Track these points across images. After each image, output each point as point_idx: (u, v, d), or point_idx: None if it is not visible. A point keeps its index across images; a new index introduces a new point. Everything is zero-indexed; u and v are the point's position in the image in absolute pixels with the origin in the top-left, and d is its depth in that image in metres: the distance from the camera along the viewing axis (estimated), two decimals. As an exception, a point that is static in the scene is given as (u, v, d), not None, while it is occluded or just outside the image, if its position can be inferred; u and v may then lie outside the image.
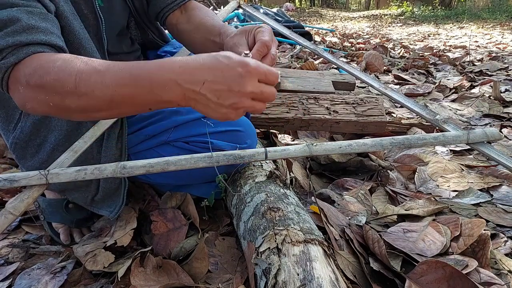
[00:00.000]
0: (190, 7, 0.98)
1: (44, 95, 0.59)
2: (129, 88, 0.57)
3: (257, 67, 0.55)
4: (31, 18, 0.61)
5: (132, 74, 0.57)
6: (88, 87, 0.58)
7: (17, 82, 0.61)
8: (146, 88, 0.56)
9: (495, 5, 11.87)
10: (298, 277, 0.60)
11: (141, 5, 0.99)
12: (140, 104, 0.60)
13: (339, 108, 1.48)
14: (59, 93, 0.59)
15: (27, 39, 0.60)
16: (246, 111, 0.59)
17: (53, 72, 0.58)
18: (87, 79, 0.57)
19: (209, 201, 1.00)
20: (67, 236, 0.98)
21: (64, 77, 0.58)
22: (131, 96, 0.58)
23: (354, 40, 5.72)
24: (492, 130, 0.92)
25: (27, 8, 0.62)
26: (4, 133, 0.89)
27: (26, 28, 0.60)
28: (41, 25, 0.62)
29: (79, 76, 0.58)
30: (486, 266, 0.81)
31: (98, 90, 0.58)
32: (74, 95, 0.58)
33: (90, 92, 0.58)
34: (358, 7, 21.35)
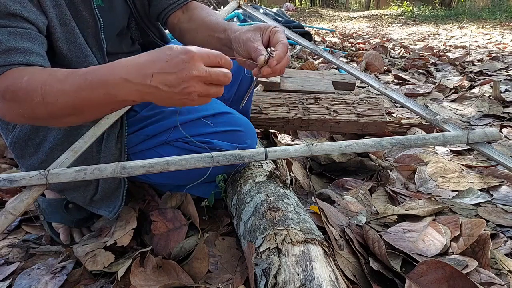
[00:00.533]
0: (192, 6, 0.99)
1: (17, 108, 0.64)
2: (86, 92, 0.61)
3: (199, 50, 0.58)
4: (11, 40, 0.65)
5: (87, 79, 0.61)
6: (52, 96, 0.62)
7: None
8: (100, 90, 0.60)
9: (495, 5, 11.87)
10: (298, 277, 0.60)
11: (142, 5, 0.99)
12: (100, 106, 0.64)
13: (339, 108, 1.48)
14: (29, 105, 0.63)
15: (5, 61, 0.65)
16: (203, 95, 0.60)
17: (22, 87, 0.63)
18: (50, 90, 0.62)
19: (209, 201, 1.00)
20: (67, 236, 0.98)
21: (31, 91, 0.62)
22: (90, 99, 0.62)
23: (354, 40, 5.72)
24: (492, 130, 0.92)
25: (10, 29, 0.66)
26: (3, 132, 0.89)
27: (5, 50, 0.64)
28: (21, 46, 0.66)
29: (43, 88, 0.62)
30: (486, 266, 0.81)
31: (61, 98, 0.62)
32: (42, 105, 0.63)
33: (55, 101, 0.62)
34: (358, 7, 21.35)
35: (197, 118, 0.92)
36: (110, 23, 0.89)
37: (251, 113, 1.36)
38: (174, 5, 0.97)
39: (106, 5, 0.88)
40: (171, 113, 0.93)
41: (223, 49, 0.82)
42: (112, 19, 0.90)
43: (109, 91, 0.60)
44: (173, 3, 0.97)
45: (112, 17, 0.90)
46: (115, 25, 0.93)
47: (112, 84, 0.60)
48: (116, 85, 0.59)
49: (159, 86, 0.58)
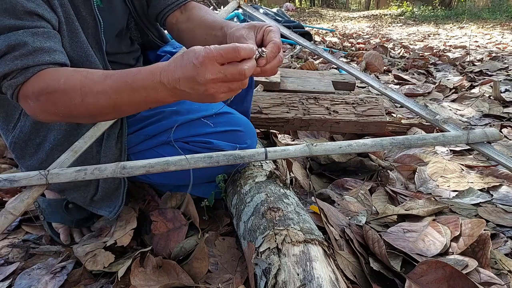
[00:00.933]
0: (190, 6, 0.98)
1: (53, 108, 0.68)
2: (127, 94, 0.65)
3: (207, 52, 0.58)
4: (36, 40, 0.68)
5: (127, 82, 0.65)
6: (93, 98, 0.66)
7: (26, 97, 0.69)
8: (142, 93, 0.65)
9: (495, 5, 11.86)
10: (298, 277, 0.60)
11: (140, 6, 0.99)
12: (140, 104, 0.68)
13: (339, 108, 1.48)
14: (68, 106, 0.67)
15: (34, 61, 0.67)
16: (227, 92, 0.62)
17: (60, 89, 0.66)
18: (90, 91, 0.66)
19: (209, 201, 1.00)
20: (67, 236, 0.98)
21: (70, 93, 0.66)
22: (130, 101, 0.66)
23: (354, 40, 5.72)
24: (492, 130, 0.92)
25: (32, 30, 0.68)
26: (3, 132, 0.89)
27: (32, 51, 0.67)
28: (45, 45, 0.69)
29: (83, 90, 0.66)
30: (486, 266, 0.81)
31: (102, 99, 0.66)
32: (82, 106, 0.67)
33: (96, 102, 0.66)
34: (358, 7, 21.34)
35: (197, 118, 0.93)
36: (109, 24, 0.89)
37: (251, 113, 1.36)
38: (173, 5, 0.97)
39: (105, 5, 0.88)
40: (171, 113, 0.93)
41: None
42: (112, 20, 0.90)
43: (149, 93, 0.64)
44: (172, 4, 0.97)
45: (111, 18, 0.90)
46: (114, 26, 0.93)
47: (151, 88, 0.63)
48: (155, 88, 0.63)
49: (186, 90, 0.61)
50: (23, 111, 0.84)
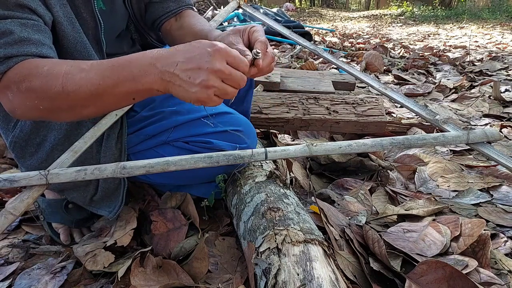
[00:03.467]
0: (185, 14, 1.02)
1: (33, 100, 0.63)
2: (111, 79, 0.61)
3: (226, 48, 0.59)
4: (24, 31, 0.64)
5: (114, 65, 0.62)
6: (75, 85, 0.62)
7: (6, 89, 0.65)
8: (127, 76, 0.61)
9: (495, 5, 11.86)
10: (298, 277, 0.60)
11: (139, 10, 1.00)
12: (123, 94, 0.63)
13: (339, 108, 1.48)
14: (48, 95, 0.63)
15: (18, 51, 0.63)
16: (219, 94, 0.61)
17: (41, 76, 0.62)
18: (73, 78, 0.62)
19: (209, 201, 1.00)
20: (67, 236, 0.98)
21: (51, 80, 0.62)
22: (114, 86, 0.62)
23: (354, 40, 5.72)
24: (492, 130, 0.92)
25: (21, 20, 0.65)
26: (3, 132, 0.89)
27: (18, 41, 0.63)
28: (33, 37, 0.66)
29: (65, 77, 0.62)
30: (486, 266, 0.81)
31: (84, 86, 0.62)
32: (62, 95, 0.62)
33: (77, 89, 0.62)
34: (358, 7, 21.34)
35: (197, 118, 0.93)
36: (110, 26, 0.90)
37: (251, 113, 1.36)
38: (170, 13, 1.00)
39: (108, 8, 0.88)
40: (171, 113, 0.94)
41: None
42: (113, 22, 0.91)
43: (135, 76, 0.60)
44: (169, 11, 0.99)
45: (112, 20, 0.91)
46: (115, 28, 0.94)
47: (139, 69, 0.60)
48: (143, 70, 0.60)
49: (180, 75, 0.58)
50: None
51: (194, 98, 0.60)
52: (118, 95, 0.64)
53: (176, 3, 1.00)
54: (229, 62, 0.60)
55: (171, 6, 0.99)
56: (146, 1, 0.99)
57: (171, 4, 0.99)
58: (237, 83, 0.61)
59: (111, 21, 0.90)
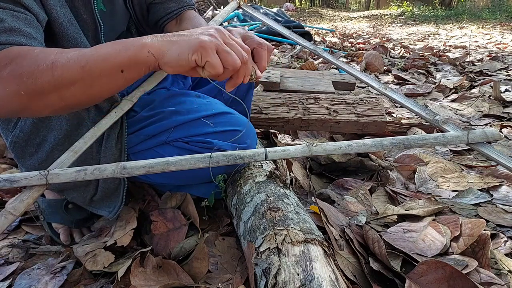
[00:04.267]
0: (185, 17, 1.02)
1: (15, 83, 0.59)
2: (105, 50, 0.61)
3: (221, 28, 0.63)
4: (15, 21, 0.62)
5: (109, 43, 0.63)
6: (66, 59, 0.60)
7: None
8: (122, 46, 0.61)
9: (495, 5, 11.87)
10: (298, 277, 0.60)
11: (141, 11, 1.00)
12: (112, 64, 0.61)
13: (339, 108, 1.48)
14: (33, 75, 0.59)
15: (7, 39, 0.61)
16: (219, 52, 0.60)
17: (31, 57, 0.59)
18: (65, 55, 0.60)
19: (209, 201, 1.00)
20: (67, 236, 0.98)
21: (42, 58, 0.59)
22: (106, 55, 0.60)
23: (354, 40, 5.72)
24: (492, 130, 0.92)
25: (14, 12, 0.63)
26: (3, 132, 0.89)
27: (8, 29, 0.61)
28: (24, 29, 0.63)
29: (57, 54, 0.60)
30: (486, 266, 0.81)
31: (74, 59, 0.60)
32: (49, 71, 0.59)
33: (66, 62, 0.59)
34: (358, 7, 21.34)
35: (197, 118, 0.93)
36: (111, 27, 0.90)
37: (251, 113, 1.36)
38: (171, 13, 1.00)
39: (108, 9, 0.88)
40: (171, 113, 0.93)
41: None
42: (113, 23, 0.91)
43: (128, 45, 0.60)
44: (170, 12, 1.00)
45: (113, 21, 0.91)
46: (115, 29, 0.94)
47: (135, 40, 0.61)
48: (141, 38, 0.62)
49: (182, 32, 0.61)
50: None
51: (195, 43, 0.58)
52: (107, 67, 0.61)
53: (177, 3, 1.00)
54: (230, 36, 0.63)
55: (172, 7, 1.00)
56: (147, 2, 0.99)
57: (172, 4, 0.99)
58: (239, 53, 0.61)
59: (112, 23, 0.90)
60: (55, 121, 0.85)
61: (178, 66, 0.60)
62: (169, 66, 0.61)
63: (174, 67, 0.61)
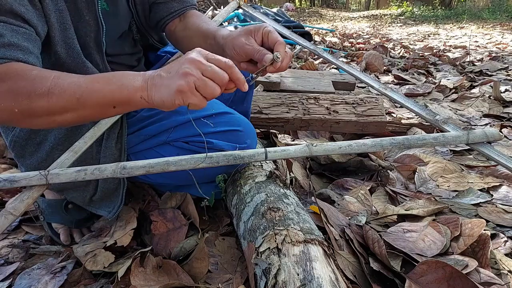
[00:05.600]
0: (189, 15, 1.01)
1: (11, 101, 0.61)
2: (99, 83, 0.63)
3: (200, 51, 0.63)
4: (14, 36, 0.64)
5: (105, 75, 0.65)
6: (62, 87, 0.62)
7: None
8: (115, 82, 0.63)
9: (495, 5, 11.87)
10: (298, 277, 0.60)
11: (143, 11, 1.00)
12: (107, 101, 0.64)
13: (339, 108, 1.48)
14: (28, 97, 0.61)
15: (5, 54, 0.63)
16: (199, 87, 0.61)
17: (29, 79, 0.62)
18: (62, 82, 0.63)
19: (209, 201, 1.00)
20: (67, 236, 0.98)
21: (39, 82, 0.62)
22: (100, 89, 0.63)
23: (354, 40, 5.72)
24: (492, 130, 0.92)
25: (13, 26, 0.65)
26: (3, 131, 0.89)
27: (7, 44, 0.63)
28: (22, 44, 0.66)
29: (55, 80, 0.62)
30: (486, 266, 0.81)
31: (70, 89, 0.62)
32: (44, 97, 0.62)
33: (63, 92, 0.62)
34: (358, 7, 21.34)
35: (197, 118, 0.92)
36: (113, 27, 0.90)
37: (251, 113, 1.36)
38: (174, 13, 0.99)
39: (111, 9, 0.88)
40: (170, 113, 0.93)
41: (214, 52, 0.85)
42: (115, 23, 0.91)
43: (123, 82, 0.63)
44: (173, 12, 0.99)
45: (115, 21, 0.91)
46: (117, 29, 0.94)
47: (127, 77, 0.64)
48: (133, 77, 0.64)
49: (162, 73, 0.62)
50: None
51: (174, 89, 0.60)
52: (101, 101, 0.64)
53: (180, 3, 1.00)
54: (208, 59, 0.62)
55: (175, 7, 0.99)
56: (150, 2, 0.99)
57: (175, 4, 0.99)
58: (219, 78, 0.61)
59: (114, 22, 0.90)
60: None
61: (167, 108, 0.64)
62: (160, 108, 0.64)
63: (165, 108, 0.64)
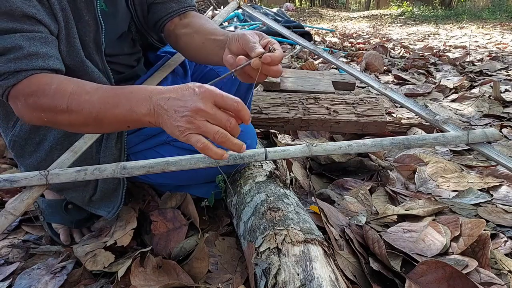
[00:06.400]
0: (190, 15, 1.00)
1: (39, 113, 0.69)
2: (111, 106, 0.66)
3: (213, 89, 0.61)
4: (32, 45, 0.68)
5: (116, 94, 0.67)
6: (79, 106, 0.66)
7: (16, 98, 0.70)
8: (125, 105, 0.65)
9: (495, 5, 11.87)
10: (298, 277, 0.60)
11: (141, 11, 1.00)
12: (120, 121, 0.67)
13: (339, 108, 1.48)
14: (53, 112, 0.68)
15: (27, 65, 0.67)
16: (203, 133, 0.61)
17: (49, 94, 0.67)
18: (78, 100, 0.67)
19: (209, 201, 1.00)
20: (67, 236, 0.98)
21: (58, 99, 0.67)
22: (113, 112, 0.66)
23: (354, 40, 5.72)
24: (492, 130, 0.92)
25: (30, 34, 0.68)
26: (3, 130, 0.89)
27: (27, 55, 0.67)
28: (41, 51, 0.69)
29: (71, 97, 0.67)
30: (486, 266, 0.81)
31: (86, 108, 0.66)
32: (66, 113, 0.67)
33: (80, 110, 0.67)
34: (358, 7, 21.35)
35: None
36: (112, 28, 0.89)
37: (251, 113, 1.36)
38: (172, 14, 0.98)
39: (111, 10, 0.88)
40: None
41: (216, 50, 0.83)
42: (115, 24, 0.91)
43: (132, 106, 0.64)
44: (171, 12, 0.98)
45: (114, 22, 0.90)
46: (117, 29, 0.94)
47: (137, 100, 0.64)
48: (139, 101, 0.64)
49: (168, 110, 0.61)
50: None
51: (177, 131, 0.61)
52: (115, 121, 0.67)
53: (178, 4, 0.99)
54: (218, 104, 0.61)
55: (174, 7, 0.99)
56: (148, 2, 0.99)
57: (173, 5, 0.98)
58: (223, 124, 0.61)
59: (113, 23, 0.90)
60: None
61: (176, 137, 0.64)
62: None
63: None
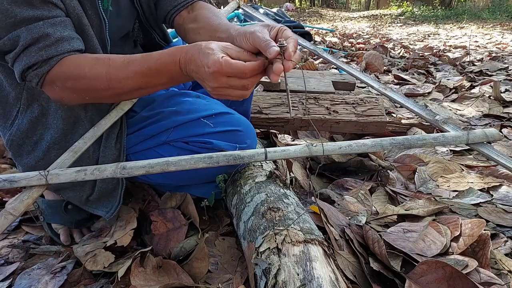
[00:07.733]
0: (198, 6, 0.99)
1: (80, 93, 0.76)
2: (152, 78, 0.74)
3: (221, 65, 0.64)
4: (56, 31, 0.72)
5: (151, 68, 0.73)
6: (118, 82, 0.74)
7: (52, 83, 0.74)
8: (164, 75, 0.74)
9: (495, 5, 11.87)
10: (298, 277, 0.60)
11: (148, 8, 0.99)
12: (163, 84, 0.76)
13: (339, 108, 1.48)
14: (94, 91, 0.75)
15: (57, 51, 0.72)
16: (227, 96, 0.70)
17: (86, 77, 0.73)
18: (115, 78, 0.73)
19: (209, 201, 1.00)
20: (67, 236, 0.98)
21: (97, 80, 0.73)
22: (155, 81, 0.75)
23: (354, 40, 5.72)
24: (492, 130, 0.92)
25: (51, 20, 0.72)
26: (1, 130, 0.89)
27: (54, 42, 0.72)
28: (64, 34, 0.73)
29: (108, 77, 0.73)
30: (486, 266, 0.81)
31: (126, 83, 0.74)
32: (109, 90, 0.75)
33: (121, 86, 0.74)
34: (358, 7, 21.35)
35: (197, 118, 0.92)
36: (117, 27, 0.90)
37: (251, 113, 1.36)
38: (179, 6, 0.98)
39: (114, 9, 0.88)
40: (170, 113, 0.93)
41: None
42: (119, 23, 0.91)
43: (172, 76, 0.73)
44: (178, 4, 0.98)
45: (119, 21, 0.91)
46: (121, 29, 0.94)
47: (173, 71, 0.72)
48: (176, 72, 0.72)
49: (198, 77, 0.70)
50: (20, 109, 0.84)
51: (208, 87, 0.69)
52: (159, 85, 0.77)
53: None
54: (228, 74, 0.65)
55: (179, 0, 0.98)
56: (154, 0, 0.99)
57: None
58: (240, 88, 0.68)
59: (118, 22, 0.90)
60: (51, 120, 0.85)
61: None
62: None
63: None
